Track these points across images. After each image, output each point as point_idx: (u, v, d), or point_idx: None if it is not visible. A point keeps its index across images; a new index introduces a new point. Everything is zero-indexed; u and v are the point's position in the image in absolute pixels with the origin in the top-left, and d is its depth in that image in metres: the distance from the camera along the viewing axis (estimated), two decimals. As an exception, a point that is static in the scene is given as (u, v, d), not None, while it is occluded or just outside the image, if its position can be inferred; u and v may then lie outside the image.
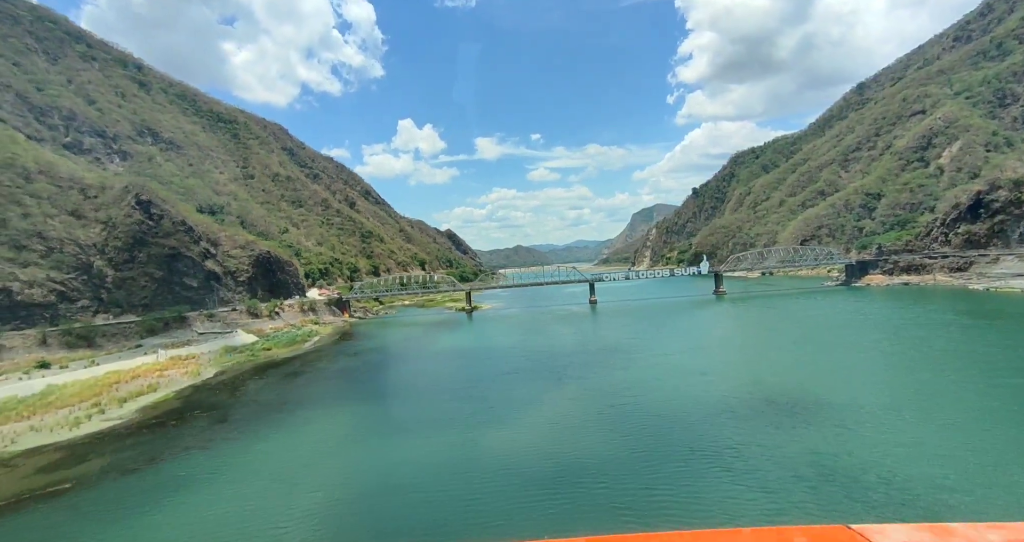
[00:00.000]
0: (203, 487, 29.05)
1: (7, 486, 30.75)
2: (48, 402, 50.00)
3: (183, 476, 30.63)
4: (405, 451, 32.20)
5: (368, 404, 45.32)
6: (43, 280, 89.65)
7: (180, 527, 24.60)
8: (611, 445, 29.07)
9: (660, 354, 58.16)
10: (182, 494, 28.14)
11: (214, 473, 30.97)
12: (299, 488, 27.72)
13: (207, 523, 24.94)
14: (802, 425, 30.11)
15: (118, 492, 29.12)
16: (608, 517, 20.51)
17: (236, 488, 28.84)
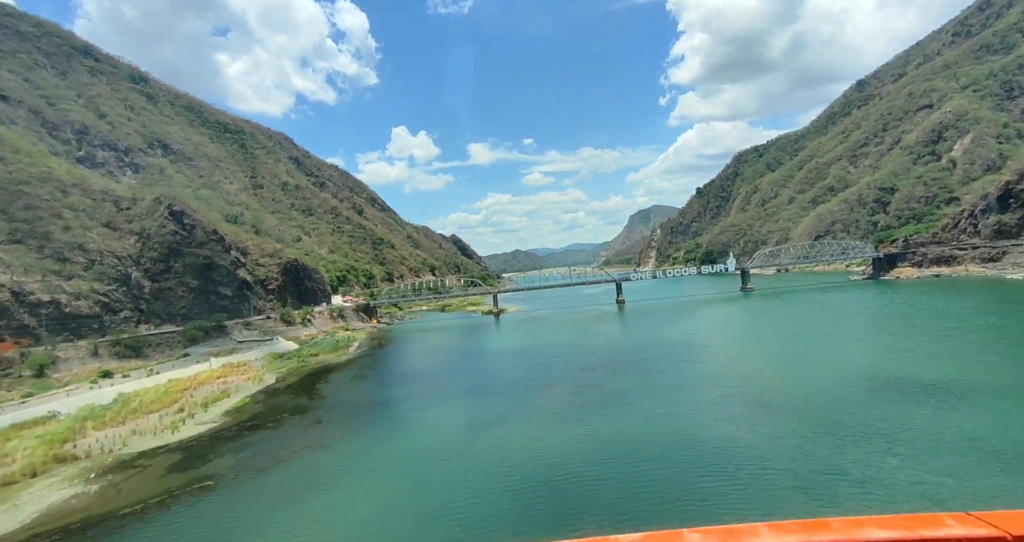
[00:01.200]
0: (340, 483, 29.47)
1: (149, 484, 31.20)
2: (132, 408, 50.32)
3: (318, 473, 31.05)
4: (522, 443, 32.58)
5: (463, 401, 45.61)
6: (88, 292, 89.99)
7: (332, 519, 25.02)
8: (756, 431, 29.40)
9: (734, 345, 58.58)
10: (324, 490, 28.54)
11: (344, 470, 31.39)
12: (427, 482, 28.11)
13: (356, 516, 25.38)
14: (944, 407, 30.25)
15: (260, 488, 29.51)
16: (805, 499, 20.95)
17: (370, 484, 29.25)
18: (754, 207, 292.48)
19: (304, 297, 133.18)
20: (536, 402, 41.83)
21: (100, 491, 31.24)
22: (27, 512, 28.70)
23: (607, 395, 41.84)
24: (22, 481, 33.59)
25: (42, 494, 31.38)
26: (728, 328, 73.33)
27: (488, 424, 37.59)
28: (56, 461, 36.52)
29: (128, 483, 32.30)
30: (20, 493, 31.61)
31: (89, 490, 31.48)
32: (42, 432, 43.10)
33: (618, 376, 48.12)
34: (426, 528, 23.36)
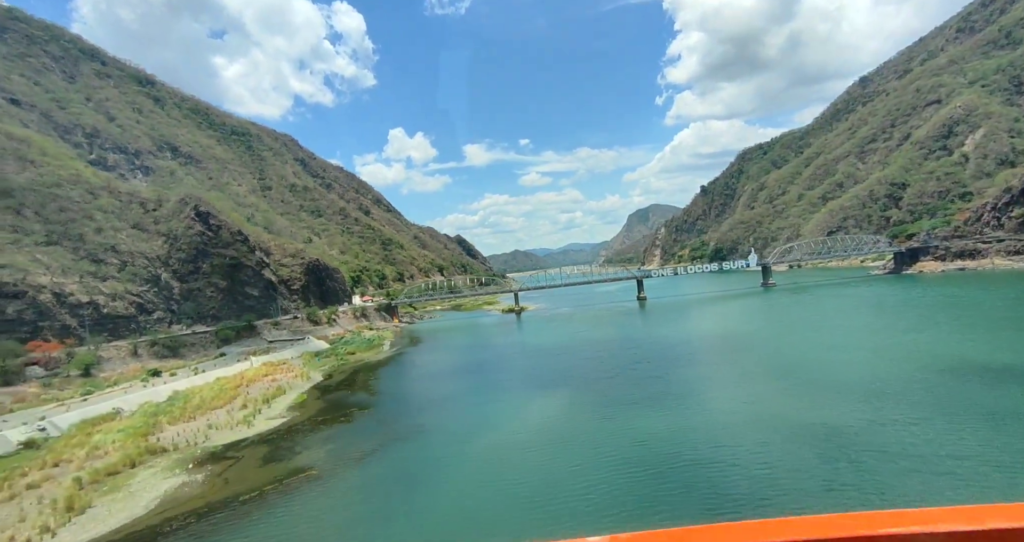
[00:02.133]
0: (440, 471, 30.03)
1: (253, 474, 31.82)
2: (195, 405, 50.88)
3: (415, 462, 31.63)
4: (615, 431, 33.18)
5: (529, 393, 45.86)
6: (123, 293, 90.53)
7: (447, 505, 25.63)
8: (859, 417, 29.82)
9: (788, 337, 58.33)
10: (427, 478, 29.06)
11: (439, 460, 31.87)
12: (528, 469, 28.64)
13: (470, 502, 25.97)
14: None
15: (364, 477, 30.14)
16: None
17: (471, 472, 29.80)
18: (762, 204, 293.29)
19: (326, 297, 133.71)
20: (607, 393, 42.43)
21: (207, 480, 31.84)
22: (147, 498, 29.32)
23: (678, 386, 42.47)
24: (124, 471, 34.21)
25: (151, 482, 31.99)
26: (770, 321, 73.81)
27: (568, 414, 38.25)
28: (148, 453, 37.12)
29: (231, 472, 32.91)
30: (128, 482, 32.22)
31: (195, 479, 32.08)
32: (121, 426, 43.70)
33: (679, 368, 48.78)
34: (545, 512, 23.84)
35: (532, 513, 23.80)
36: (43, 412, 52.19)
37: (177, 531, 25.17)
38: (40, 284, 78.26)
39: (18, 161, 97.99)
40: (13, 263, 77.33)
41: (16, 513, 28.29)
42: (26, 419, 48.38)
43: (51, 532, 25.91)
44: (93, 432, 43.46)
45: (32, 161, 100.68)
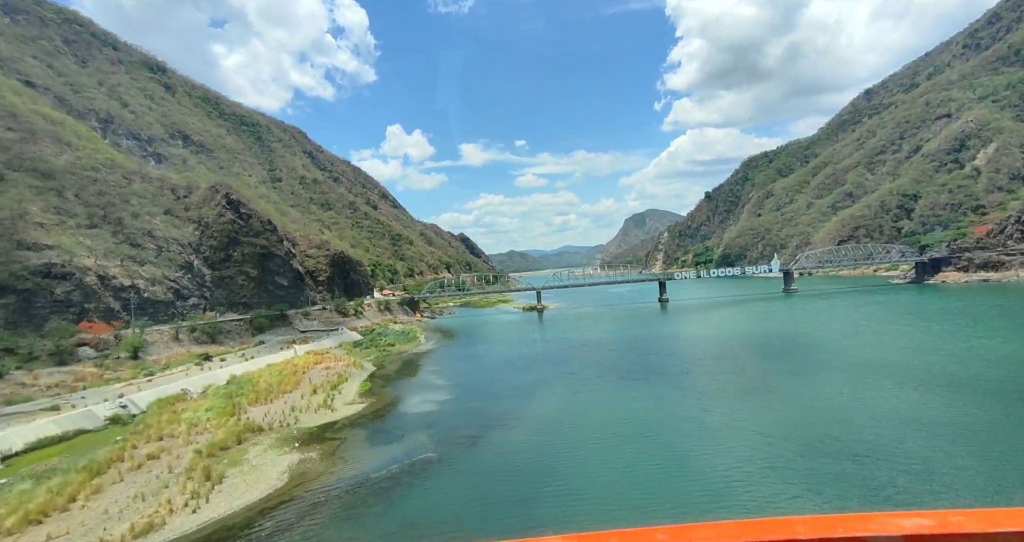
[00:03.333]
0: (558, 457, 30.76)
1: (368, 454, 32.47)
2: (263, 388, 51.31)
3: (527, 447, 32.45)
4: (732, 420, 34.13)
5: (611, 384, 46.37)
6: (160, 278, 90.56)
7: (575, 488, 26.39)
8: (969, 414, 31.19)
9: (843, 339, 59.38)
10: (544, 462, 29.86)
11: (547, 444, 32.76)
12: (644, 457, 29.52)
13: (608, 477, 26.72)
14: None
15: (483, 461, 30.76)
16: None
17: (588, 459, 30.56)
18: (770, 211, 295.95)
19: (349, 289, 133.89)
20: (694, 387, 43.31)
21: (322, 458, 32.45)
22: (275, 472, 29.91)
23: (764, 381, 43.35)
24: (233, 447, 34.79)
25: (267, 457, 32.59)
26: (821, 324, 73.72)
27: (662, 405, 39.08)
28: (249, 431, 37.67)
29: (342, 452, 33.56)
30: (243, 456, 32.80)
31: (310, 456, 32.69)
32: (207, 405, 44.18)
33: (759, 365, 49.81)
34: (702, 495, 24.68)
35: (678, 496, 24.60)
36: (110, 391, 52.52)
37: (328, 502, 25.80)
38: (86, 266, 78.25)
39: (55, 143, 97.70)
40: (60, 244, 77.29)
41: (154, 481, 28.87)
42: (100, 397, 48.71)
43: (203, 497, 26.52)
44: (178, 410, 43.97)
45: (69, 143, 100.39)
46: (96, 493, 27.92)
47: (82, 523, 24.71)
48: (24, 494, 27.60)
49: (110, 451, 33.86)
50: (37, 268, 71.94)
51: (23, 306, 69.07)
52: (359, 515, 24.27)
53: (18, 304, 68.67)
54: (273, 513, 25.15)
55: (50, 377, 57.94)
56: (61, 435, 39.96)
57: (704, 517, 17.45)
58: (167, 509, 25.41)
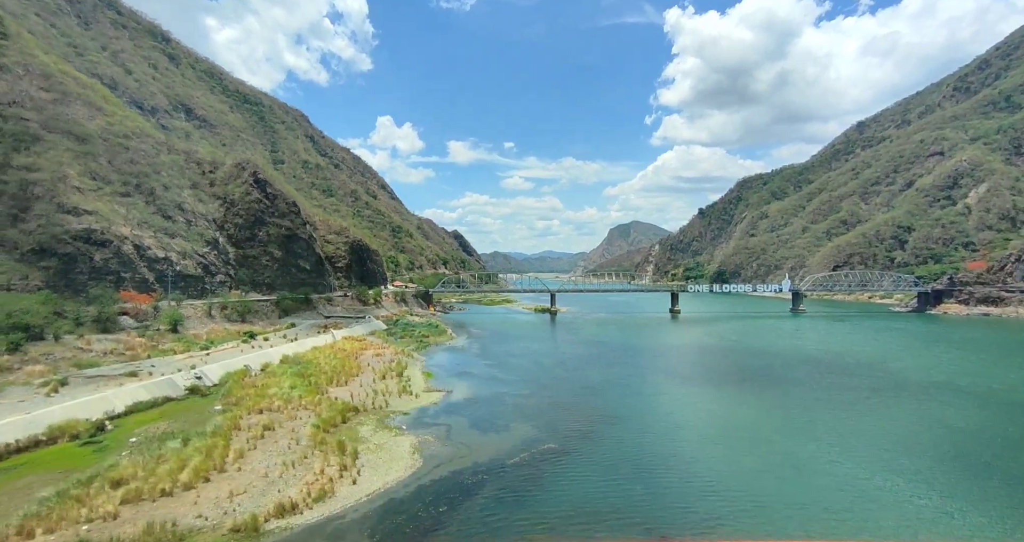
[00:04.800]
0: (673, 454, 32.01)
1: (485, 441, 32.98)
2: (327, 371, 51.32)
3: (639, 443, 33.63)
4: (841, 427, 35.90)
5: (691, 387, 48.38)
6: (191, 252, 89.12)
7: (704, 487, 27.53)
8: None
9: (902, 360, 61.82)
10: (661, 458, 31.05)
11: (665, 443, 33.96)
12: (764, 460, 30.91)
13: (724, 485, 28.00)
14: None
15: (604, 454, 31.67)
16: None
17: (707, 456, 31.88)
18: (764, 232, 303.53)
19: (366, 278, 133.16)
20: (783, 397, 44.78)
21: (440, 441, 32.98)
22: (403, 453, 30.29)
23: (847, 396, 44.72)
24: (341, 425, 35.13)
25: (384, 437, 32.98)
26: (850, 345, 75.12)
27: (759, 410, 40.59)
28: (348, 410, 37.98)
29: (457, 437, 34.12)
30: (358, 435, 33.14)
31: (427, 439, 33.15)
32: (290, 383, 44.17)
33: (824, 379, 51.56)
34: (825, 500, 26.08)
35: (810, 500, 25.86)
36: (175, 362, 51.85)
37: (482, 485, 26.32)
38: (123, 235, 76.64)
39: (87, 106, 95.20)
40: (98, 211, 75.61)
41: (287, 451, 29.16)
42: (171, 367, 48.21)
43: (354, 470, 26.97)
44: (257, 384, 43.94)
45: (99, 108, 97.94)
46: (240, 458, 28.13)
47: (251, 484, 24.99)
48: (177, 452, 27.69)
49: (225, 420, 33.88)
50: (78, 233, 70.34)
51: (63, 270, 67.51)
52: (521, 498, 24.87)
53: (59, 268, 67.09)
54: (430, 490, 25.66)
55: (100, 344, 56.80)
56: (151, 401, 39.77)
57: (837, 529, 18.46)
58: (326, 478, 25.81)
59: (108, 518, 21.69)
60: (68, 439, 31.67)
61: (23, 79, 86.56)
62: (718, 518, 22.72)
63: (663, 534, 21.07)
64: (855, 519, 22.68)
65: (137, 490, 23.63)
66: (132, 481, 24.54)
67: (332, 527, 21.84)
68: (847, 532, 21.38)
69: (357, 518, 22.61)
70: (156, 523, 20.74)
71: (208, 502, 23.26)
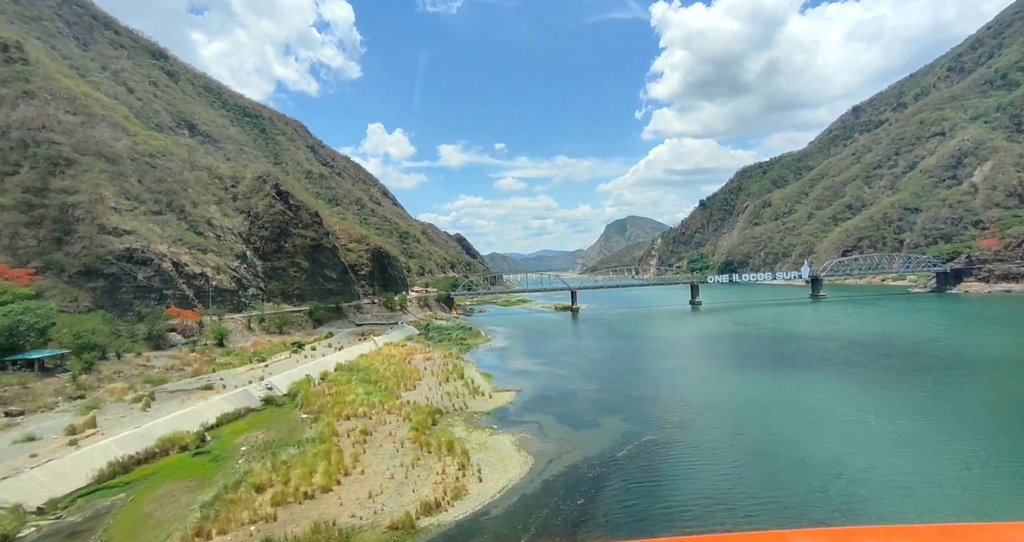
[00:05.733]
0: (778, 444, 32.83)
1: (581, 437, 33.95)
2: (386, 376, 52.11)
3: (729, 431, 34.42)
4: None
5: (769, 373, 49.25)
6: (224, 267, 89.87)
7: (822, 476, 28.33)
8: None
9: (963, 339, 62.40)
10: (764, 446, 31.85)
11: (763, 434, 34.82)
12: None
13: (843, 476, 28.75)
14: None
15: (702, 443, 32.40)
16: None
17: (816, 445, 32.76)
18: (769, 221, 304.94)
19: (387, 284, 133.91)
20: (858, 382, 44.92)
21: (536, 438, 33.85)
22: (508, 450, 31.18)
23: (928, 378, 44.75)
24: (432, 428, 35.98)
25: (480, 437, 33.63)
26: (893, 327, 74.92)
27: (851, 398, 40.58)
28: (435, 414, 38.84)
29: (550, 433, 34.94)
30: (453, 436, 33.86)
31: (523, 437, 33.86)
32: (362, 390, 45.01)
33: (887, 362, 52.06)
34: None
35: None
36: (238, 374, 52.61)
37: (604, 477, 27.11)
38: (161, 252, 77.39)
39: (112, 127, 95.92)
40: (137, 230, 76.36)
41: (398, 454, 29.96)
42: (238, 380, 48.97)
43: (473, 468, 27.83)
44: (331, 391, 44.75)
45: (124, 128, 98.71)
46: (356, 461, 28.94)
47: (382, 485, 25.82)
48: (299, 458, 28.53)
49: (322, 427, 34.71)
50: (120, 253, 71.04)
51: (110, 290, 68.20)
52: (653, 488, 25.33)
53: (106, 288, 67.79)
54: (557, 485, 26.36)
55: (159, 360, 57.59)
56: (235, 412, 40.57)
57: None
58: (452, 477, 26.65)
59: (269, 519, 22.58)
60: (177, 450, 32.51)
61: (50, 104, 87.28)
62: (864, 501, 23.08)
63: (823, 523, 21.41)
64: (997, 496, 23.21)
65: (282, 493, 24.47)
66: (272, 486, 25.40)
67: (482, 523, 22.66)
68: (999, 512, 21.79)
69: (501, 513, 23.43)
70: (320, 523, 21.61)
71: (352, 503, 24.10)
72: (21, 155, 75.78)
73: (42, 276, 63.22)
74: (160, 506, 24.99)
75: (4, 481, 24.65)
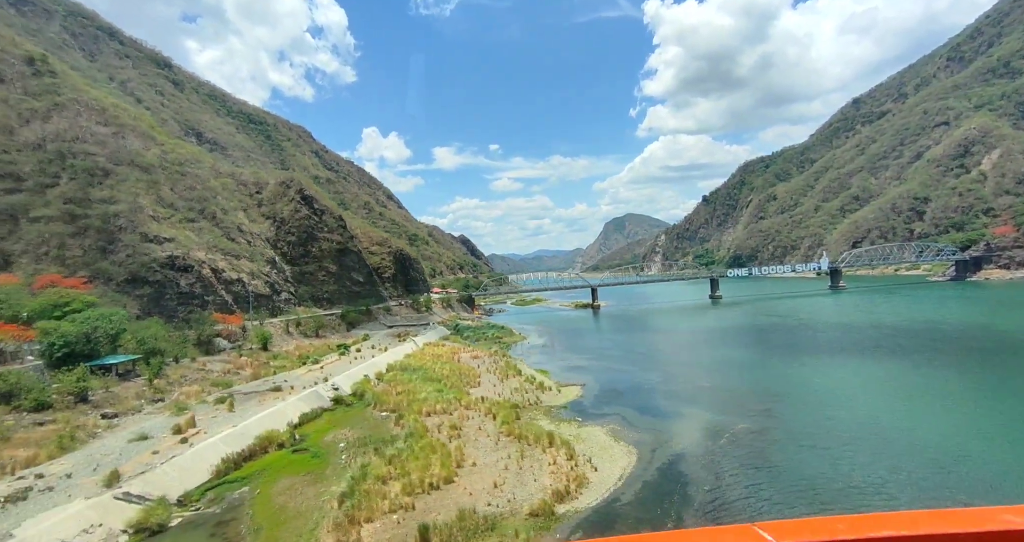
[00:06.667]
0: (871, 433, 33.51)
1: (676, 425, 34.68)
2: (444, 374, 52.79)
3: (824, 420, 35.11)
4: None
5: (855, 364, 49.63)
6: (257, 272, 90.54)
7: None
8: None
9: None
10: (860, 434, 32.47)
11: (851, 421, 35.50)
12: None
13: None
14: None
15: (793, 432, 33.27)
16: None
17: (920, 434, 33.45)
18: (774, 215, 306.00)
19: (409, 286, 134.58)
20: (927, 361, 46.22)
21: (626, 428, 34.61)
22: (606, 441, 31.99)
23: (997, 356, 45.71)
24: (517, 423, 36.65)
25: (569, 429, 34.46)
26: (932, 313, 75.51)
27: (932, 377, 41.69)
28: (514, 407, 39.55)
29: (638, 423, 35.71)
30: (542, 429, 34.68)
31: (612, 428, 34.63)
32: (432, 388, 45.73)
33: (956, 345, 52.79)
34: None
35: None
36: (299, 376, 53.27)
37: (720, 465, 27.61)
38: (200, 259, 78.03)
39: (142, 137, 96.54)
40: (176, 238, 77.03)
41: (498, 447, 30.57)
42: (302, 381, 49.64)
43: (585, 458, 28.56)
44: (398, 390, 45.44)
45: (152, 138, 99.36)
46: (462, 455, 29.64)
47: (500, 476, 26.44)
48: (408, 453, 29.20)
49: (414, 423, 35.39)
50: (164, 261, 71.65)
51: (155, 297, 68.85)
52: (775, 473, 25.73)
53: (152, 295, 68.44)
54: (674, 472, 26.85)
55: (214, 364, 58.17)
56: (312, 412, 41.27)
57: None
58: (567, 467, 27.34)
59: (407, 508, 23.25)
60: (275, 447, 33.21)
61: (81, 115, 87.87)
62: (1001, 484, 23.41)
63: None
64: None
65: (409, 485, 25.17)
66: (392, 478, 26.08)
67: (617, 509, 23.26)
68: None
69: (632, 500, 24.04)
70: (464, 510, 22.30)
71: (481, 493, 24.74)
72: (59, 167, 76.31)
73: (92, 285, 63.84)
74: (289, 498, 25.68)
75: (143, 475, 25.38)
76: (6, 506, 22.25)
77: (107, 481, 24.52)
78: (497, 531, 21.38)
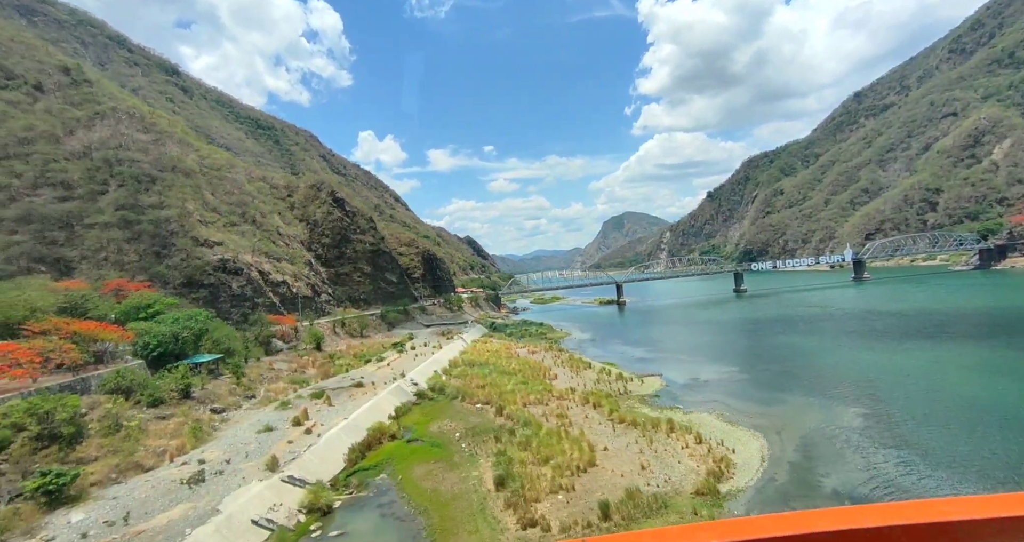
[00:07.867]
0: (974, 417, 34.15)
1: (781, 411, 35.32)
2: (512, 369, 53.50)
3: (927, 406, 35.81)
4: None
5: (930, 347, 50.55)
6: (299, 274, 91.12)
7: None
8: None
9: None
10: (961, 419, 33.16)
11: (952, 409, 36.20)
12: None
13: None
14: None
15: (896, 419, 33.96)
16: None
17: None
18: (782, 209, 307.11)
19: (437, 286, 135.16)
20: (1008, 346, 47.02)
21: (735, 414, 35.29)
22: (717, 424, 32.71)
23: None
24: (618, 411, 37.34)
25: (675, 416, 35.29)
26: (978, 300, 76.19)
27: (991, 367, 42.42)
28: (607, 397, 40.23)
29: (744, 408, 36.33)
30: (645, 417, 35.41)
31: (722, 413, 35.44)
32: (515, 380, 46.39)
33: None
34: None
35: None
36: (370, 372, 53.87)
37: (857, 447, 28.11)
38: (248, 262, 78.59)
39: (179, 143, 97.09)
40: (225, 241, 77.61)
41: (625, 436, 31.22)
42: (381, 378, 50.25)
43: (709, 443, 29.23)
44: (480, 384, 46.05)
45: (190, 144, 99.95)
46: (588, 441, 30.29)
47: (638, 460, 27.05)
48: (539, 440, 29.83)
49: (522, 413, 36.02)
50: (216, 264, 72.22)
51: (211, 299, 69.29)
52: (925, 452, 26.33)
53: (207, 298, 68.92)
54: (817, 454, 27.21)
55: (280, 364, 58.83)
56: (400, 406, 41.89)
57: None
58: (704, 450, 28.01)
59: (568, 489, 23.88)
60: (388, 438, 33.85)
61: (122, 123, 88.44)
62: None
63: None
64: None
65: (558, 467, 25.83)
66: (537, 464, 26.71)
67: (777, 487, 23.78)
68: None
69: (789, 479, 24.53)
70: (632, 490, 22.95)
71: (632, 474, 25.30)
72: (107, 174, 76.82)
73: (153, 289, 64.37)
74: (435, 482, 26.19)
75: (295, 462, 26.07)
76: (193, 486, 22.95)
77: (269, 465, 25.17)
78: (672, 509, 22.02)
